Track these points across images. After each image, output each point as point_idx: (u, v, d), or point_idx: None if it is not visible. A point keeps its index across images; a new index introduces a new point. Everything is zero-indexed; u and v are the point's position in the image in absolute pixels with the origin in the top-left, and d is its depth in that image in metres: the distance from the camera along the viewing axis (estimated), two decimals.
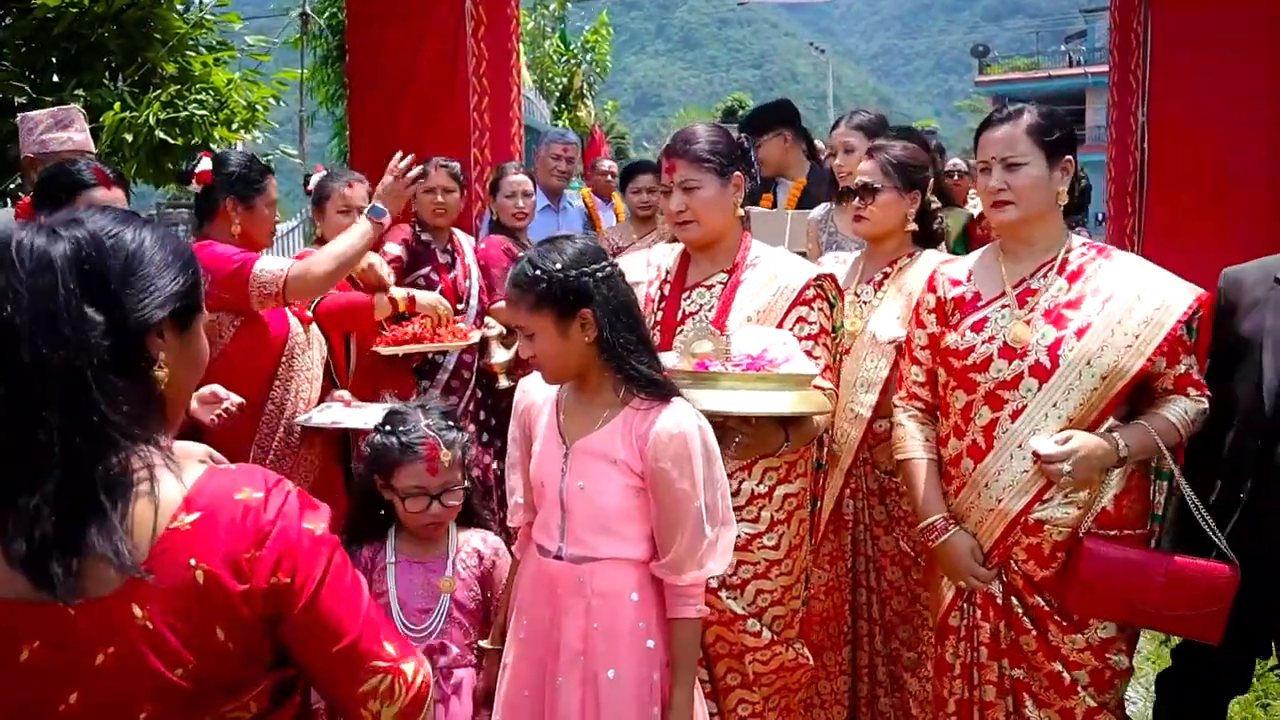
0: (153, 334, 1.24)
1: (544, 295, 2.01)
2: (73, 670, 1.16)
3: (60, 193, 2.51)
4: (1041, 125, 2.30)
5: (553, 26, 14.26)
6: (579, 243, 2.10)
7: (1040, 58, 47.19)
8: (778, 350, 2.29)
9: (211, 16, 6.00)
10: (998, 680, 2.39)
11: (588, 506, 2.08)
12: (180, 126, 5.37)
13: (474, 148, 5.61)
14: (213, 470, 1.26)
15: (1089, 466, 2.23)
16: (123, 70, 5.44)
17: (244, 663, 1.24)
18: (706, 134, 2.52)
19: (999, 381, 2.33)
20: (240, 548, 1.20)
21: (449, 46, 5.64)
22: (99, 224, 1.24)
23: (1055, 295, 2.32)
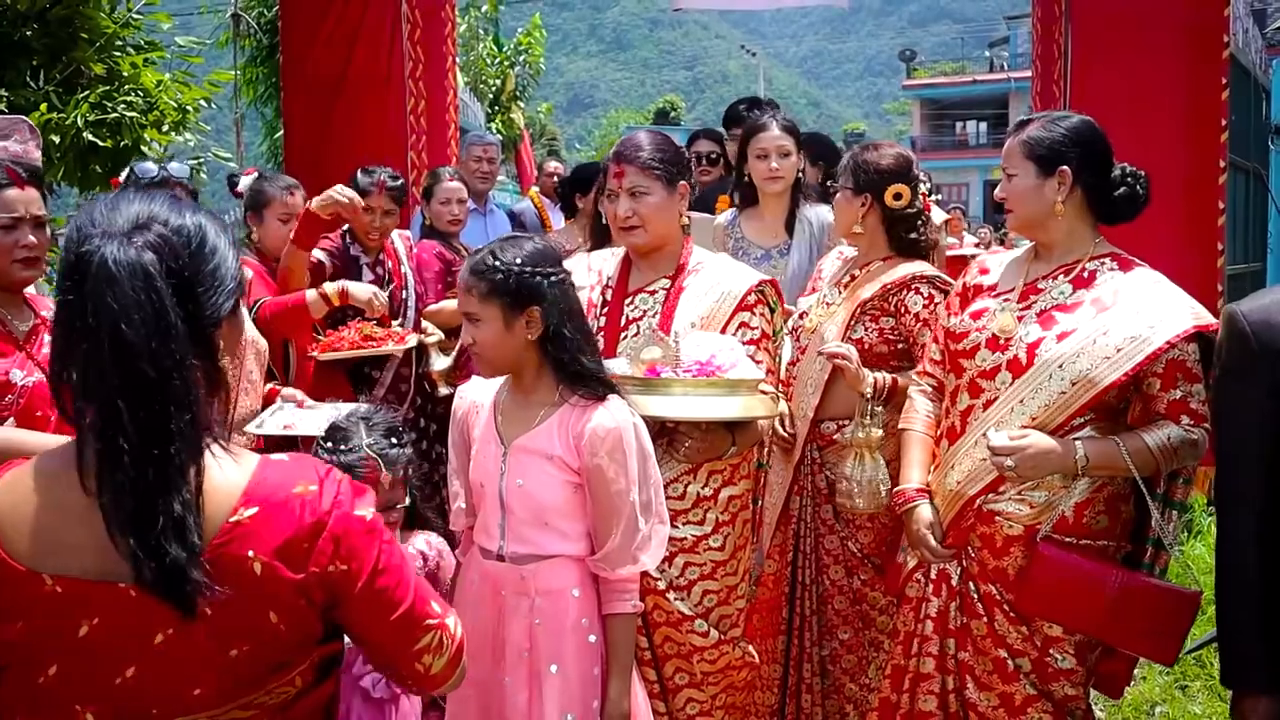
0: (218, 328, 1.28)
1: (497, 286, 2.08)
2: (131, 648, 1.21)
3: None
4: (1034, 137, 2.36)
5: (486, 29, 14.20)
6: (540, 244, 2.18)
7: (966, 62, 48.15)
8: (725, 356, 2.35)
9: (139, 16, 5.87)
10: (938, 655, 2.46)
11: (527, 504, 2.14)
12: (109, 128, 5.25)
13: (410, 151, 5.62)
14: (266, 462, 1.30)
15: (1035, 467, 2.26)
16: (48, 70, 5.31)
17: (295, 644, 1.30)
18: (655, 142, 2.57)
19: (980, 370, 2.41)
20: (298, 539, 1.25)
21: (384, 49, 5.63)
22: (163, 219, 1.24)
23: (1055, 298, 2.37)
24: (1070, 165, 2.33)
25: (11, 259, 2.39)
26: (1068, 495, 2.30)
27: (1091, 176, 2.35)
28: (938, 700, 2.47)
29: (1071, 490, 2.30)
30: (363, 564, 1.31)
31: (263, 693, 1.28)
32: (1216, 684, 3.77)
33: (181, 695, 1.24)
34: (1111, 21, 5.03)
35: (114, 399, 1.16)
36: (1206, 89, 5.00)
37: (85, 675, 1.22)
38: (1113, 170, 2.37)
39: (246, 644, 1.25)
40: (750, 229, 3.70)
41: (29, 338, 2.47)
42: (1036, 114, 2.47)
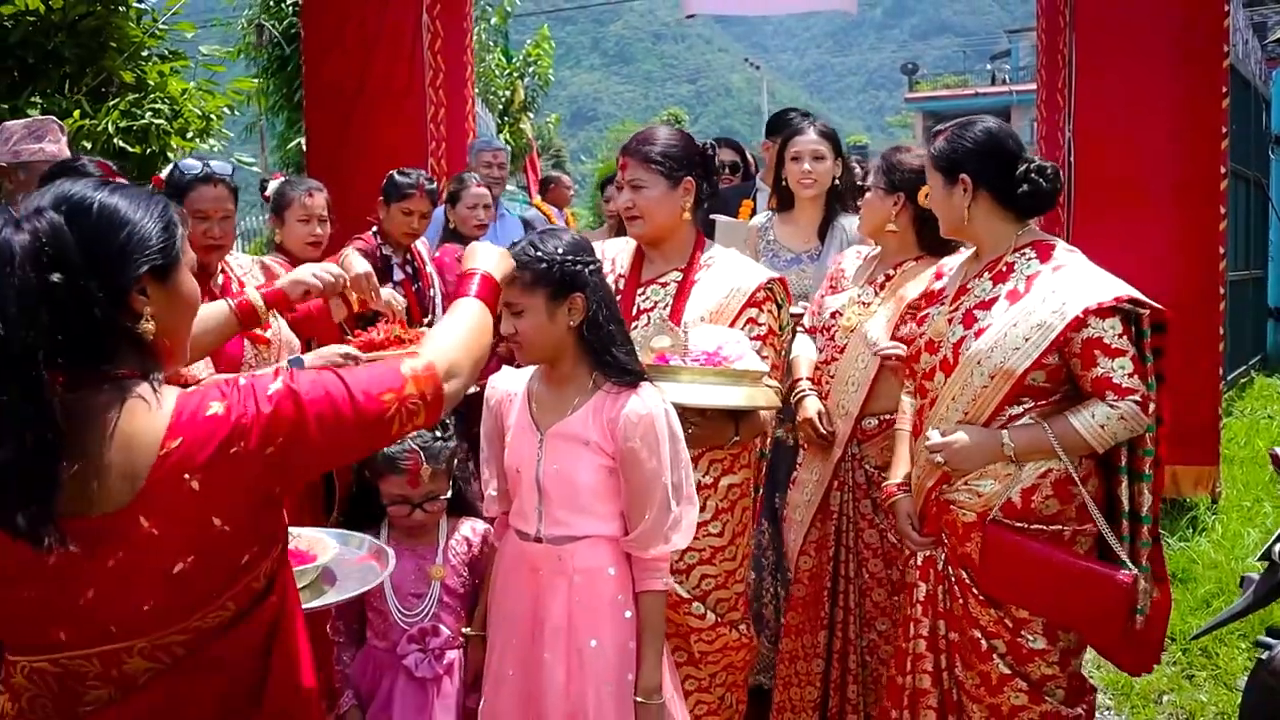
0: (134, 293, 1.39)
1: (541, 275, 2.15)
2: (89, 571, 1.35)
3: None
4: (936, 148, 2.52)
5: (495, 40, 14.36)
6: (574, 235, 2.26)
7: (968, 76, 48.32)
8: (732, 348, 2.44)
9: (165, 26, 6.01)
10: (928, 636, 2.58)
11: (563, 488, 2.21)
12: (137, 135, 5.39)
13: (430, 158, 5.74)
14: (182, 395, 1.42)
15: (964, 458, 2.41)
16: (79, 78, 5.45)
17: (241, 543, 1.42)
18: (663, 138, 2.65)
19: (923, 373, 2.58)
20: (226, 447, 1.37)
21: (404, 58, 5.77)
22: (71, 200, 1.37)
23: (978, 296, 2.49)
24: (968, 172, 2.45)
25: None
26: (1014, 482, 2.40)
27: (994, 179, 2.44)
28: (932, 678, 2.58)
29: (1017, 477, 2.40)
30: (293, 427, 1.41)
31: (198, 616, 1.40)
32: (1223, 674, 3.88)
33: (133, 612, 1.37)
34: (1114, 32, 5.17)
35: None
36: (1207, 98, 5.14)
37: (54, 599, 1.36)
38: (1018, 169, 2.43)
39: (192, 554, 1.37)
40: (783, 232, 3.76)
41: None
42: (946, 124, 2.57)
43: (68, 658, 1.38)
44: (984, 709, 2.48)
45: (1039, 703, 2.44)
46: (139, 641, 1.38)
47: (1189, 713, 3.69)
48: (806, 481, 3.22)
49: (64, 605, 1.36)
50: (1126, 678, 3.85)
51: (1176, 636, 4.10)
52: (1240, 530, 5.14)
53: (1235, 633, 4.05)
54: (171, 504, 1.36)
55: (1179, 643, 4.07)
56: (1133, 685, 3.83)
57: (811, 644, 3.19)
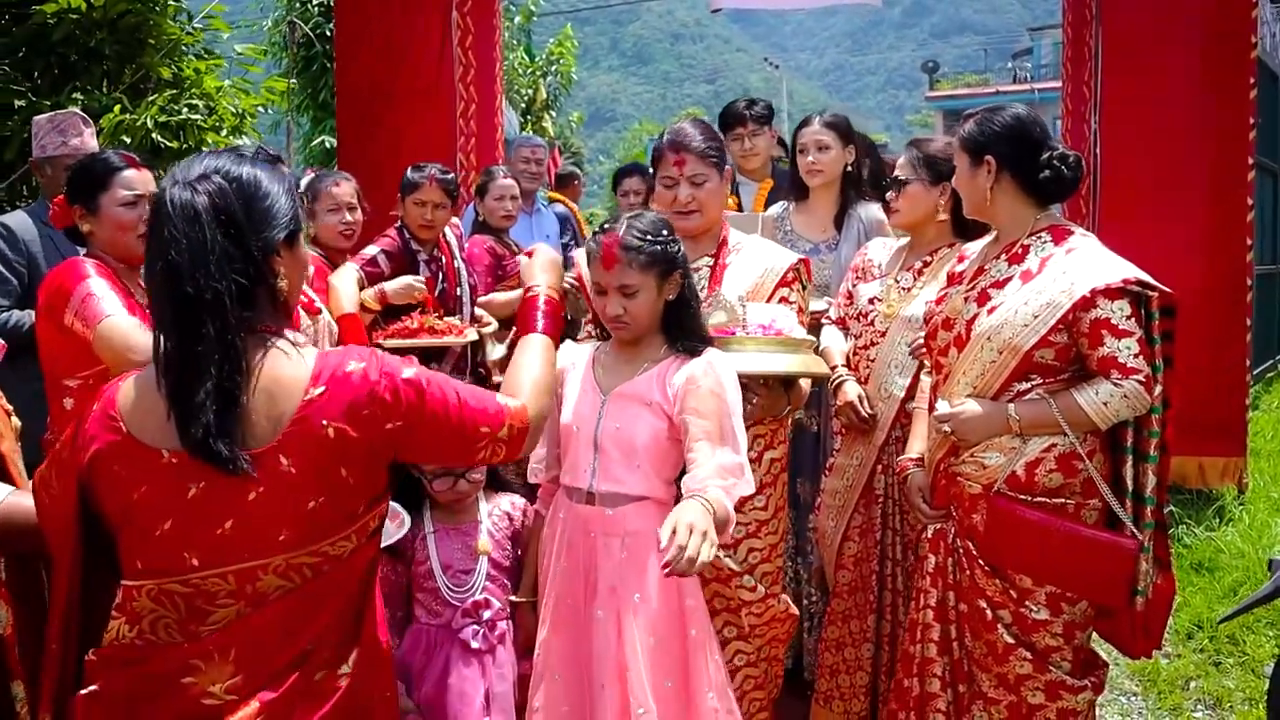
0: (275, 254, 1.58)
1: (655, 256, 2.29)
2: (230, 504, 1.50)
3: (93, 181, 2.65)
4: (966, 131, 2.60)
5: (518, 39, 14.46)
6: (659, 217, 2.40)
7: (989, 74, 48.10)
8: (784, 320, 2.57)
9: (200, 25, 6.12)
10: (936, 606, 2.65)
11: (621, 444, 2.31)
12: (174, 130, 5.49)
13: (460, 153, 5.82)
14: (324, 354, 1.60)
15: (970, 429, 2.50)
16: (118, 75, 5.56)
17: (360, 494, 1.59)
18: (704, 131, 2.76)
19: (939, 349, 2.66)
20: (357, 405, 1.54)
21: (434, 56, 5.85)
22: (225, 170, 1.55)
23: (994, 276, 2.57)
24: (994, 154, 2.53)
25: (136, 234, 2.60)
26: (1018, 455, 2.48)
27: (1018, 163, 2.53)
28: (939, 647, 2.65)
29: (1022, 450, 2.47)
30: (412, 413, 1.58)
31: (328, 542, 1.55)
32: (1251, 660, 3.90)
33: (269, 541, 1.52)
34: (1141, 25, 5.19)
35: (163, 309, 1.50)
36: (1234, 91, 5.15)
37: (192, 529, 1.51)
38: (1041, 155, 2.51)
39: (323, 495, 1.53)
40: (799, 222, 3.80)
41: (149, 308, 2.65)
42: (977, 109, 2.66)
43: (200, 578, 1.51)
44: (992, 677, 2.56)
45: (1044, 672, 2.50)
46: (275, 559, 1.52)
47: (1216, 699, 3.71)
48: (846, 467, 3.27)
49: (202, 535, 1.50)
50: (1154, 664, 3.88)
51: (1204, 624, 4.13)
52: (1268, 520, 5.14)
53: (1263, 620, 4.07)
54: (309, 446, 1.51)
55: (1206, 630, 4.10)
56: (1159, 671, 3.86)
57: (860, 629, 3.23)
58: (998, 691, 2.55)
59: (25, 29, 5.26)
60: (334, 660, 1.59)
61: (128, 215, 2.62)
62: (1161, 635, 2.64)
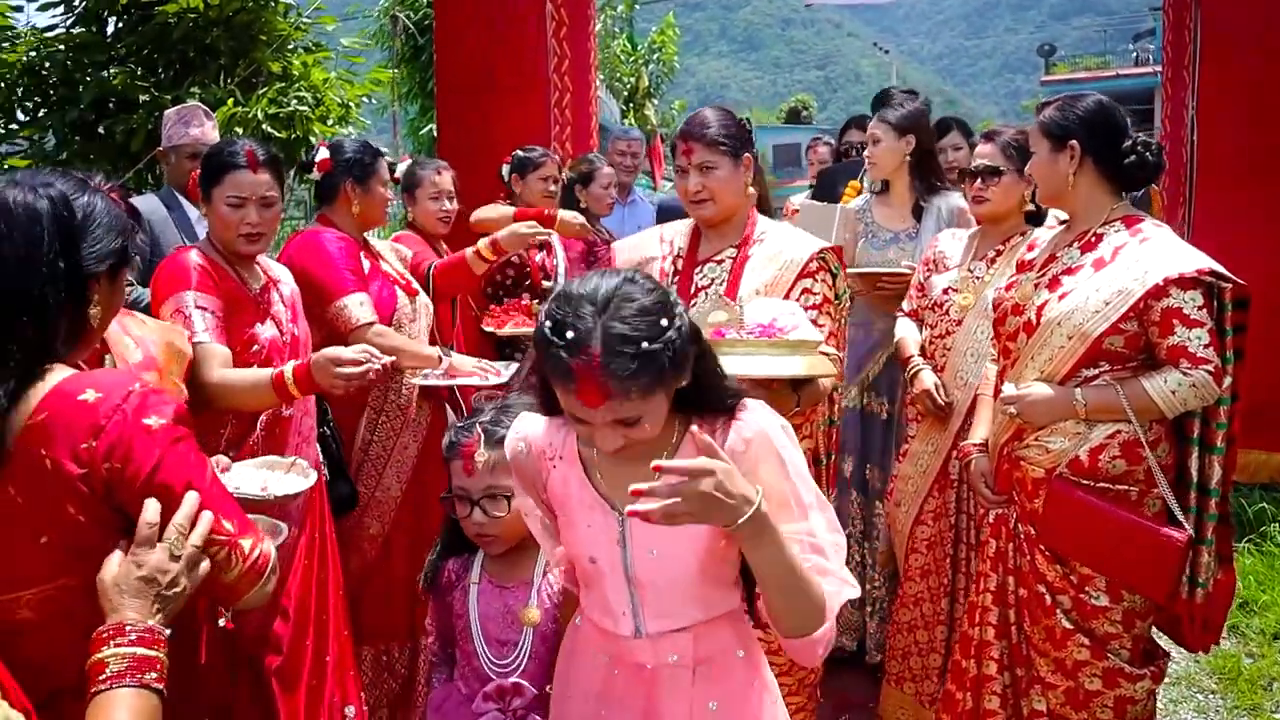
0: (94, 280, 1.58)
1: (659, 373, 1.54)
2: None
3: (209, 173, 2.74)
4: (1047, 118, 2.58)
5: (620, 27, 14.60)
6: (645, 300, 1.56)
7: (1110, 56, 46.37)
8: (786, 319, 2.46)
9: (309, 20, 6.41)
10: (995, 590, 2.68)
11: (668, 575, 1.70)
12: (283, 122, 5.78)
13: (555, 141, 5.96)
14: (78, 375, 1.53)
15: (1035, 412, 2.51)
16: (232, 70, 5.87)
17: (95, 531, 1.49)
18: (719, 118, 2.69)
19: (1008, 334, 2.67)
20: (76, 440, 1.45)
21: (529, 47, 5.99)
22: (65, 187, 1.59)
23: (1065, 263, 2.58)
24: (1078, 140, 2.52)
25: (237, 234, 2.67)
26: (1082, 441, 2.49)
27: (1100, 149, 2.52)
28: (996, 630, 2.68)
29: (1086, 436, 2.48)
30: (140, 466, 1.47)
31: (76, 578, 1.48)
32: None
33: (13, 573, 1.48)
34: (1241, 8, 5.03)
35: None
36: None
37: None
38: (1124, 142, 2.52)
39: (53, 532, 1.46)
40: (880, 214, 3.85)
41: (260, 295, 2.76)
42: (1055, 97, 2.66)
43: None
44: (1049, 662, 2.57)
45: (1101, 659, 2.51)
46: (24, 592, 1.49)
47: None
48: (921, 453, 3.30)
49: None
50: (1235, 662, 3.82)
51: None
52: None
53: None
54: (30, 477, 1.44)
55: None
56: (1240, 670, 3.79)
57: (933, 612, 3.27)
58: (1055, 676, 2.57)
59: (149, 28, 5.60)
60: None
61: (231, 215, 2.67)
62: (1221, 630, 2.63)
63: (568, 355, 1.51)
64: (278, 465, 2.46)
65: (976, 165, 3.21)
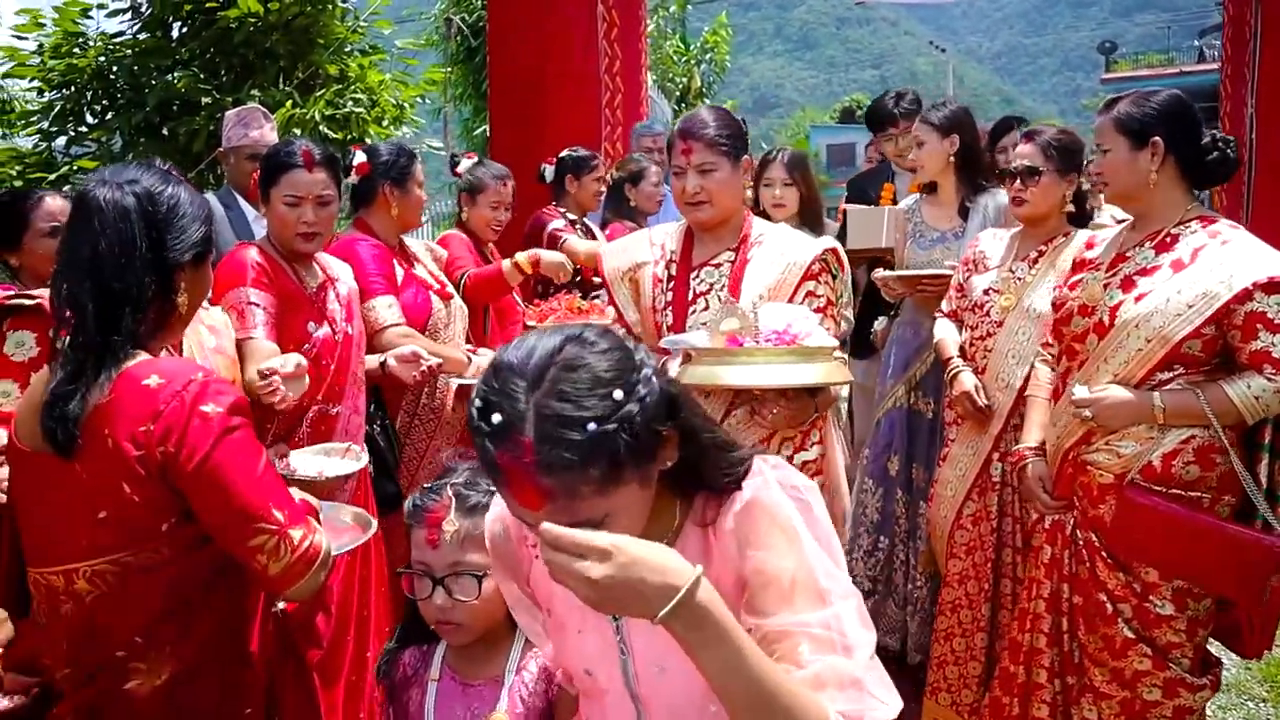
0: (180, 270, 1.67)
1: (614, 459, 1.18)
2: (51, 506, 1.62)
3: (268, 173, 2.79)
4: (1125, 112, 2.47)
5: (673, 28, 14.64)
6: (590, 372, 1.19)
7: (1174, 53, 45.41)
8: (801, 324, 2.39)
9: (365, 23, 6.54)
10: (1049, 597, 2.62)
11: (679, 690, 1.39)
12: (339, 123, 5.91)
13: (605, 142, 6.03)
14: (147, 361, 1.62)
15: (1112, 416, 2.43)
16: (290, 73, 6.01)
17: (150, 512, 1.59)
18: (718, 118, 2.60)
19: (1074, 335, 2.59)
20: (137, 422, 1.55)
21: (580, 48, 6.06)
22: (150, 181, 1.67)
23: (1139, 263, 2.49)
24: (1161, 135, 2.43)
25: (294, 232, 2.72)
26: (1155, 445, 2.41)
27: (1183, 145, 2.44)
28: (1048, 639, 2.62)
29: (1159, 441, 2.41)
30: (193, 450, 1.55)
31: (128, 553, 1.58)
32: None
33: (74, 545, 1.59)
34: None
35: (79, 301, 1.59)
36: None
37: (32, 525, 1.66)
38: (1204, 138, 2.45)
39: (110, 508, 1.55)
40: (929, 214, 3.83)
41: (317, 293, 2.80)
42: (1125, 93, 2.54)
43: (43, 572, 1.66)
44: (1106, 672, 2.51)
45: (1163, 669, 2.45)
46: (82, 564, 1.59)
47: None
48: (961, 456, 3.23)
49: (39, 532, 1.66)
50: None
51: None
52: None
53: None
54: (96, 456, 1.55)
55: None
56: None
57: (972, 619, 3.17)
58: (1110, 686, 2.51)
59: (211, 33, 5.77)
60: (148, 670, 1.61)
61: (289, 214, 2.71)
62: (1274, 636, 2.57)
63: (493, 446, 1.17)
64: (334, 451, 2.57)
65: (1015, 166, 3.14)
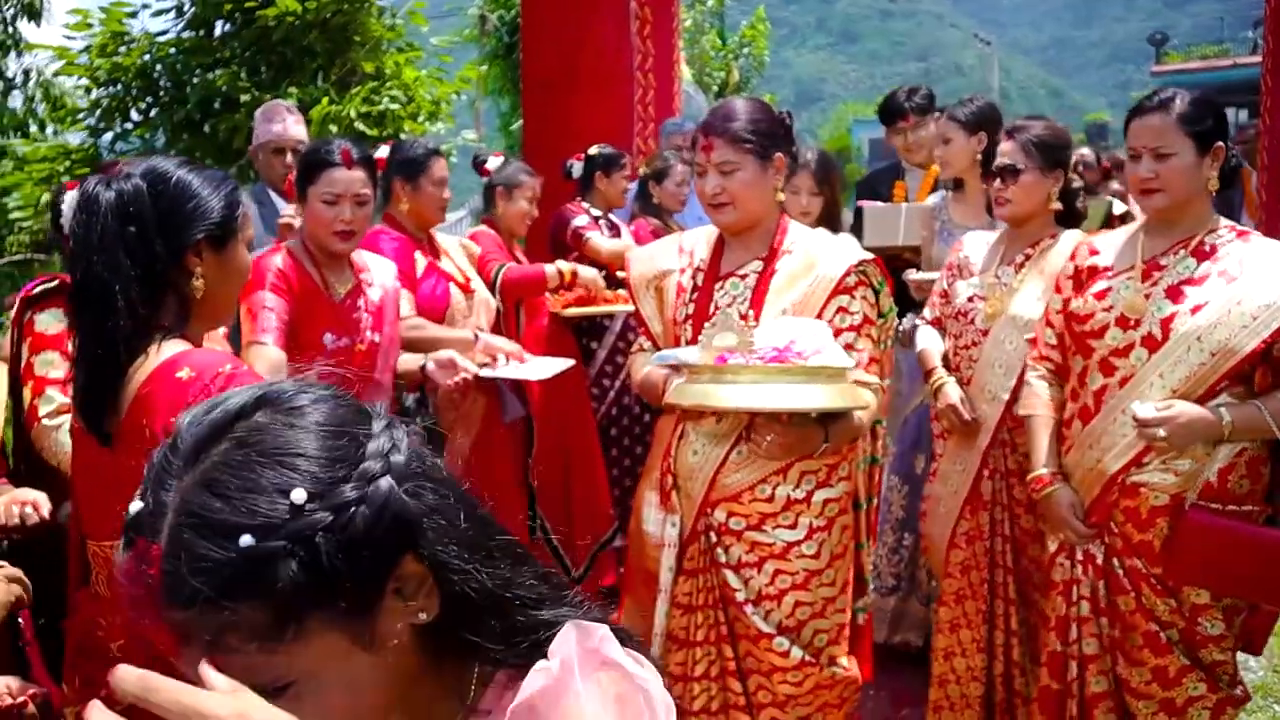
0: (190, 254, 1.67)
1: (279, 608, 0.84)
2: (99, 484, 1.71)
3: (305, 172, 2.76)
4: (1191, 114, 2.32)
5: (711, 22, 14.65)
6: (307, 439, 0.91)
7: (1228, 44, 44.54)
8: (806, 342, 2.13)
9: (402, 20, 6.63)
10: (1098, 634, 2.47)
11: None
12: (375, 119, 6.00)
13: (637, 138, 6.06)
14: (184, 352, 1.66)
15: (1186, 435, 2.27)
16: (327, 70, 6.11)
17: None
18: (748, 111, 2.38)
19: (1112, 349, 2.41)
20: (170, 414, 1.57)
21: (612, 44, 6.10)
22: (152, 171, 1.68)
23: (1181, 272, 2.37)
24: (1225, 141, 2.36)
25: (331, 230, 2.68)
26: (1211, 461, 2.32)
27: (1227, 151, 2.38)
28: (1108, 679, 2.48)
29: (1214, 456, 2.32)
30: None
31: None
32: None
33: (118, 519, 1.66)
34: None
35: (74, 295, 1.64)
36: None
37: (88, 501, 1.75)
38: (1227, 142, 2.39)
39: None
40: (957, 211, 3.76)
41: (344, 301, 2.76)
42: (1168, 91, 2.39)
43: (103, 545, 1.74)
44: (1154, 705, 2.41)
45: (1216, 690, 2.39)
46: None
47: None
48: (950, 473, 3.02)
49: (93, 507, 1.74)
50: None
51: None
52: None
53: None
54: (136, 445, 1.59)
55: None
56: None
57: (972, 639, 3.00)
58: (1158, 718, 2.42)
59: (251, 31, 5.89)
60: None
61: (326, 212, 2.68)
62: None
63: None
64: None
65: (996, 164, 2.97)
